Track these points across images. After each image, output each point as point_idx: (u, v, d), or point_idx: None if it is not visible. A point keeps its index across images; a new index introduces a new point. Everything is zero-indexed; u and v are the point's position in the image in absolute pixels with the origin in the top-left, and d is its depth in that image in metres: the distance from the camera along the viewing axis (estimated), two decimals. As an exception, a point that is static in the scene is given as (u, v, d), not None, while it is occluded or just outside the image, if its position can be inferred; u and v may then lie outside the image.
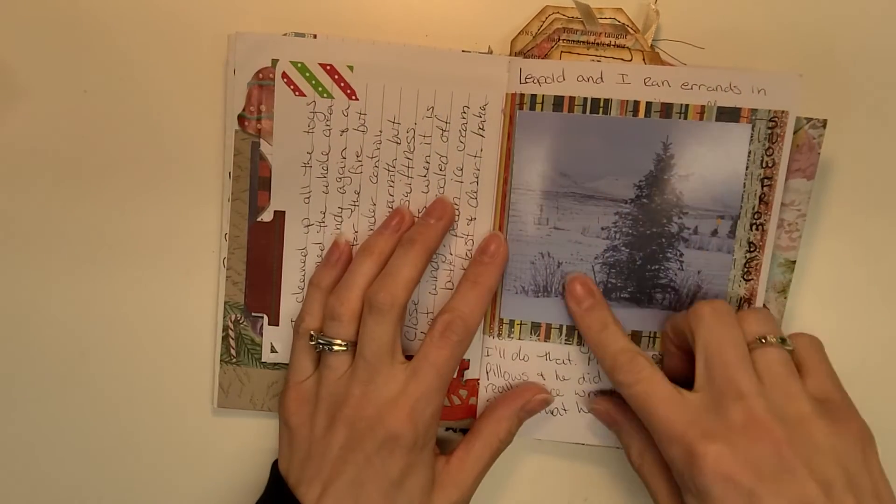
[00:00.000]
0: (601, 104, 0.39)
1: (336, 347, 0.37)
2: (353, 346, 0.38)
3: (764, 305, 0.40)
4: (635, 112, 0.39)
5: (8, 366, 0.44)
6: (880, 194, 0.41)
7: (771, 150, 0.38)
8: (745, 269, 0.40)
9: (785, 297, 0.40)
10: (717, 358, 0.34)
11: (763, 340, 0.35)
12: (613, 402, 0.40)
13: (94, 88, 0.42)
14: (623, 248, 0.40)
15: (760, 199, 0.39)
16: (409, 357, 0.41)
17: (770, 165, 0.39)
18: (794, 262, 0.40)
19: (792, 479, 0.32)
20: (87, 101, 0.42)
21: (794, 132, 0.38)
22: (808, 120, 0.39)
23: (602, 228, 0.40)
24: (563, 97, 0.39)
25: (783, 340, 0.35)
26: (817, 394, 0.35)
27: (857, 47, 0.40)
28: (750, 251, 0.40)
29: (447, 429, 0.43)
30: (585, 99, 0.39)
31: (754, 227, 0.39)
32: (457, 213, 0.40)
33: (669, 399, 0.35)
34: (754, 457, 0.32)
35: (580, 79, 0.39)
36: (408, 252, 0.38)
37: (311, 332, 0.38)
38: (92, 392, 0.44)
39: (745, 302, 0.40)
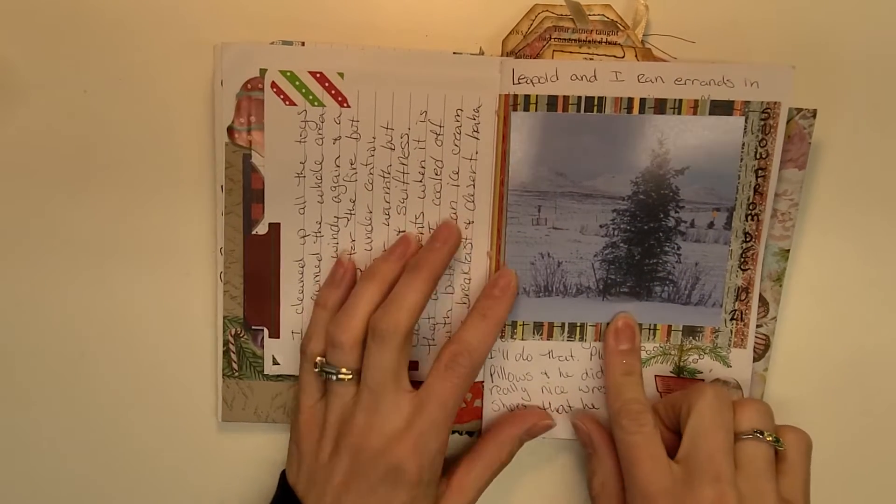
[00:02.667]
0: (595, 102, 0.39)
1: (341, 376, 0.37)
2: (358, 373, 0.37)
3: (760, 295, 0.41)
4: (629, 109, 0.39)
5: (8, 369, 0.43)
6: (872, 183, 0.42)
7: (764, 142, 0.39)
8: (742, 259, 0.40)
9: (780, 286, 0.41)
10: (706, 437, 0.36)
11: (759, 435, 0.36)
12: (596, 426, 0.41)
13: (94, 88, 0.41)
14: (622, 245, 0.40)
15: (755, 190, 0.39)
16: (413, 362, 0.41)
17: (764, 157, 0.39)
18: (788, 250, 0.41)
19: None
20: (87, 101, 0.41)
21: (786, 123, 0.39)
22: (799, 110, 0.39)
23: (600, 226, 0.40)
24: (556, 97, 0.39)
25: (777, 440, 0.37)
26: (787, 495, 0.36)
27: (847, 38, 0.40)
28: (746, 241, 0.40)
29: (452, 431, 0.43)
30: (579, 98, 0.39)
31: (750, 217, 0.40)
32: (464, 238, 0.40)
33: (656, 459, 0.36)
34: None
35: (573, 78, 0.38)
36: (414, 278, 0.37)
37: (317, 360, 0.38)
38: (95, 406, 0.43)
39: (742, 291, 0.40)
